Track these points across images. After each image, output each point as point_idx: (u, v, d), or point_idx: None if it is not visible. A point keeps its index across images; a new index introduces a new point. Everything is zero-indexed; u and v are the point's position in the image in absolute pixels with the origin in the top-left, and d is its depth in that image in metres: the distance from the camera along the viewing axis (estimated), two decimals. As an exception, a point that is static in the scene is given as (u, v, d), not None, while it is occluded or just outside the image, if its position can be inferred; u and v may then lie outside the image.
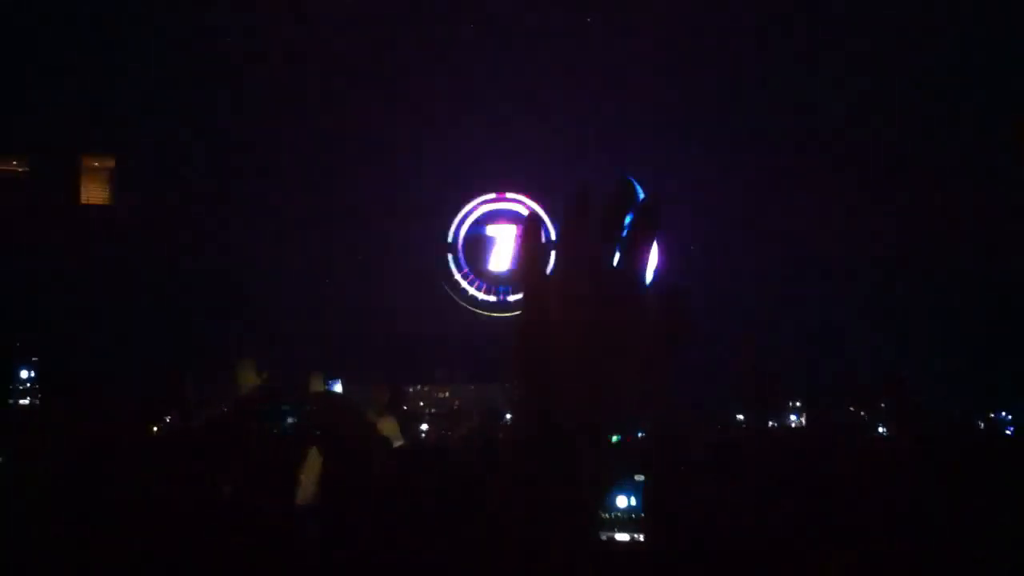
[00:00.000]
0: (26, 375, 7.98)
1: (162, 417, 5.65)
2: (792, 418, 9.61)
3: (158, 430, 5.15)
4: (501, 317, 12.38)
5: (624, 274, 1.18)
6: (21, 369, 7.95)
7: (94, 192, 11.77)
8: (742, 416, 8.89)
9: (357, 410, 3.46)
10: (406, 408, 9.25)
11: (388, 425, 5.50)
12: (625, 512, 3.71)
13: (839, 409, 9.08)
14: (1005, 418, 8.84)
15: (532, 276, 1.20)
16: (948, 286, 11.04)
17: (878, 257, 11.46)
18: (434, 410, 10.66)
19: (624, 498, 3.72)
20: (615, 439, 1.17)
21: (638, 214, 1.19)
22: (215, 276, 11.10)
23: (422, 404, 10.89)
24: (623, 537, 3.71)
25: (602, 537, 3.65)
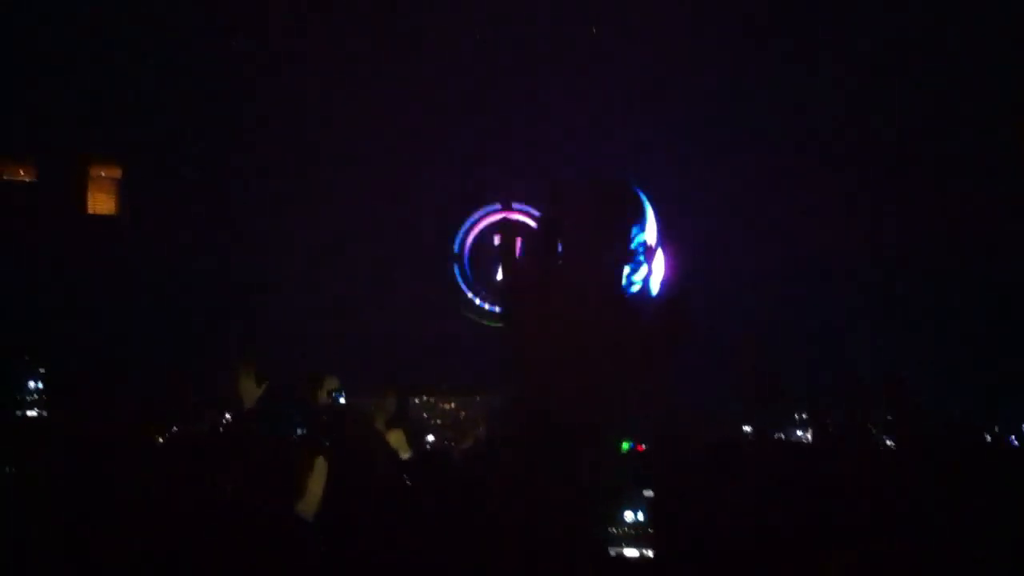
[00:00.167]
0: (33, 386, 8.00)
1: (166, 426, 5.63)
2: (798, 433, 9.53)
3: (163, 441, 5.15)
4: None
5: (623, 277, 1.20)
6: (29, 380, 7.97)
7: (101, 202, 11.81)
8: (748, 428, 8.82)
9: (367, 422, 3.47)
10: (411, 416, 9.23)
11: (396, 437, 5.51)
12: (633, 527, 3.71)
13: (848, 422, 8.98)
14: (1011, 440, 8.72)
15: (523, 279, 1.22)
16: (948, 286, 11.04)
17: (878, 257, 11.45)
18: (439, 421, 10.61)
19: (631, 513, 3.72)
20: (625, 446, 1.19)
21: (646, 231, 1.21)
22: (220, 285, 11.14)
23: (426, 415, 10.84)
24: (632, 552, 3.71)
25: (611, 552, 3.65)
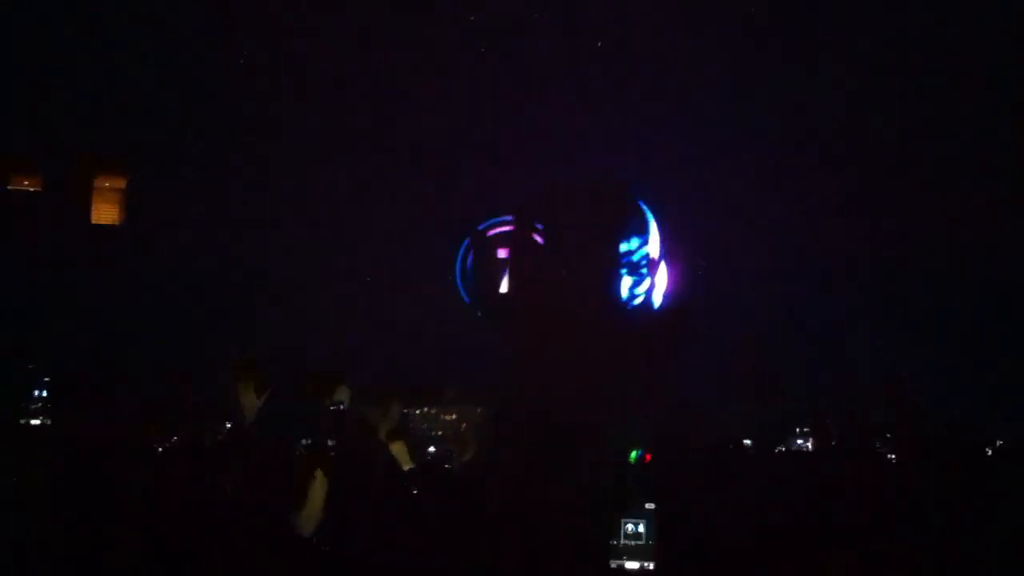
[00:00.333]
0: (38, 394, 8.03)
1: (167, 429, 5.60)
2: (798, 443, 9.52)
3: (163, 451, 5.11)
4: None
5: (624, 289, 1.24)
6: (34, 389, 8.00)
7: (105, 211, 11.84)
8: (748, 441, 8.80)
9: (372, 432, 3.49)
10: (412, 428, 9.25)
11: (398, 448, 5.56)
12: (635, 539, 3.73)
13: (848, 422, 8.94)
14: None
15: (523, 286, 1.26)
16: (948, 286, 11.04)
17: (878, 257, 11.46)
18: (441, 433, 10.63)
19: (633, 525, 3.74)
20: (633, 455, 1.23)
21: (650, 244, 1.25)
22: (224, 289, 11.18)
23: (426, 426, 10.85)
24: (633, 565, 3.73)
25: (612, 565, 3.66)
